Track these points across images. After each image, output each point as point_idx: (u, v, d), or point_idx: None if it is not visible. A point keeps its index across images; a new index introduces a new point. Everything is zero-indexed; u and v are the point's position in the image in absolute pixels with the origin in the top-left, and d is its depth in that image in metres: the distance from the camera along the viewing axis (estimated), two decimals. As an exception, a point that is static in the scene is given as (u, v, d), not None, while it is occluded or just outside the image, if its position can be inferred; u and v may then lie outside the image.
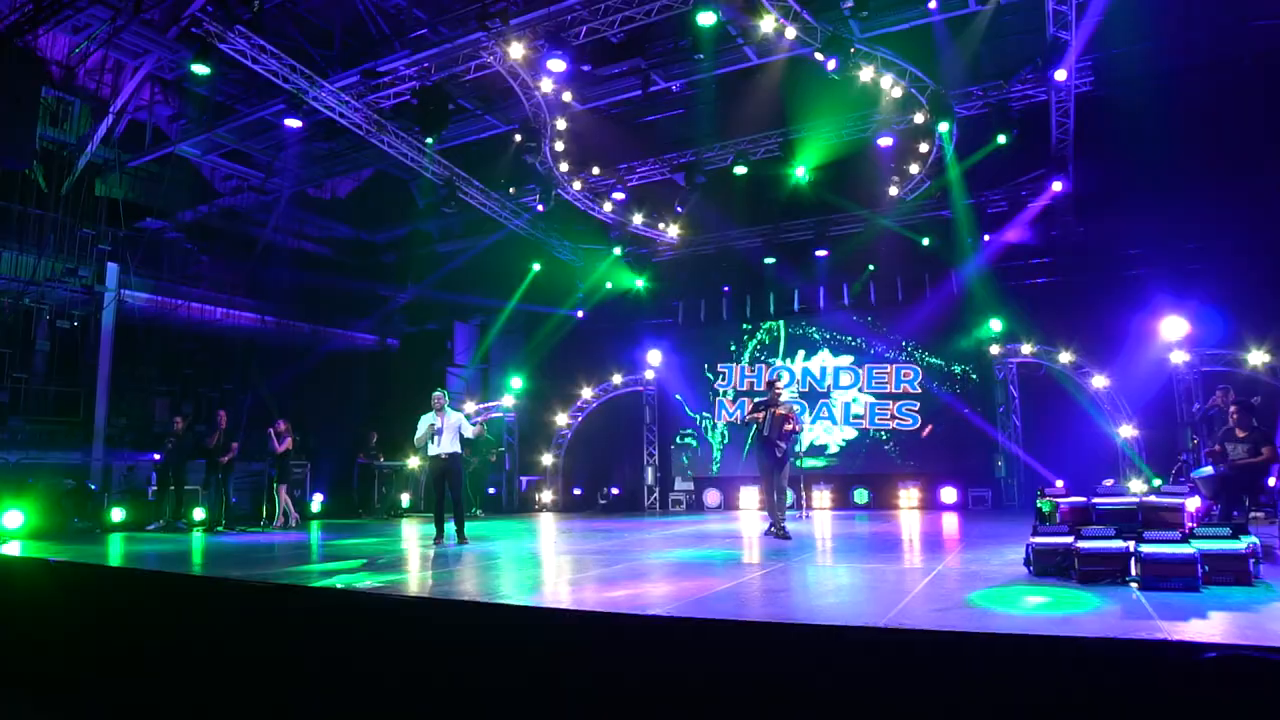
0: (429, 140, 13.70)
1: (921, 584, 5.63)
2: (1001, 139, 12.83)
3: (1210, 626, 4.09)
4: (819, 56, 11.53)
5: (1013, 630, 4.12)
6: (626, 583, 6.00)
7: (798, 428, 9.63)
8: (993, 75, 13.26)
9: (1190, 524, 5.95)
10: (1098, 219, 14.68)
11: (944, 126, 12.75)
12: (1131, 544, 5.44)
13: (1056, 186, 14.12)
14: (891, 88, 12.43)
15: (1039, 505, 6.64)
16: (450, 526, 9.51)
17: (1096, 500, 6.24)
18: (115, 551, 9.17)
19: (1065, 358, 14.75)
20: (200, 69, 11.13)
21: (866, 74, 12.12)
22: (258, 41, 11.78)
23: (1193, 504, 6.46)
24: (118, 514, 12.61)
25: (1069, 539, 5.76)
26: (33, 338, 15.40)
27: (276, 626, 5.66)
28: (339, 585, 6.14)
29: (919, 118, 13.13)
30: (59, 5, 9.80)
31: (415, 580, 6.59)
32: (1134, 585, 5.25)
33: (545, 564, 7.67)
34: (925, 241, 16.09)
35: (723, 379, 18.10)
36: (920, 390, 16.28)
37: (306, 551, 9.02)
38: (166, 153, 17.07)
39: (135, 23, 13.85)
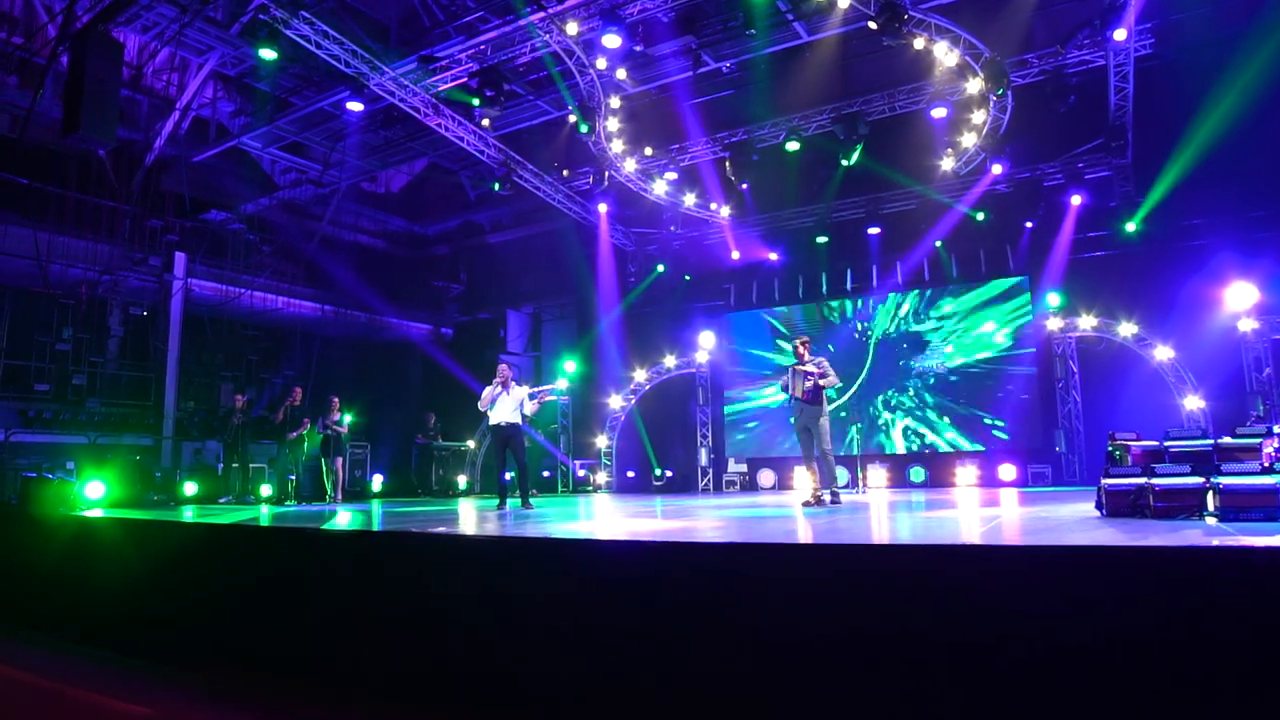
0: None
1: (988, 526, 5.62)
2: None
3: (1297, 540, 4.04)
4: (872, 26, 11.52)
5: (1093, 543, 4.13)
6: (683, 526, 6.11)
7: (821, 376, 8.68)
8: (1045, 44, 13.12)
9: (1269, 460, 5.86)
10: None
11: (1000, 94, 12.59)
12: (1208, 479, 5.38)
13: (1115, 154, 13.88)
14: (945, 56, 12.34)
15: (1109, 450, 6.56)
16: (514, 500, 9.75)
17: (1169, 442, 6.17)
18: (192, 516, 9.52)
19: (1126, 330, 14.48)
20: (268, 54, 11.52)
21: (920, 43, 12.06)
22: (321, 27, 12.14)
23: (1270, 446, 6.35)
24: (190, 488, 13.07)
25: (1142, 479, 5.71)
26: (107, 324, 16.04)
27: (362, 569, 5.82)
28: (414, 530, 6.34)
29: (973, 87, 13.01)
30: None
31: (486, 529, 6.77)
32: (1212, 519, 5.20)
33: (606, 519, 7.82)
34: (980, 216, 15.90)
35: (771, 359, 18.14)
36: (982, 371, 16.10)
37: (377, 516, 9.29)
38: (229, 146, 17.65)
39: (199, 20, 14.38)
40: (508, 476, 9.96)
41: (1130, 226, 14.51)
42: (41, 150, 15.01)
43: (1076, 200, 14.94)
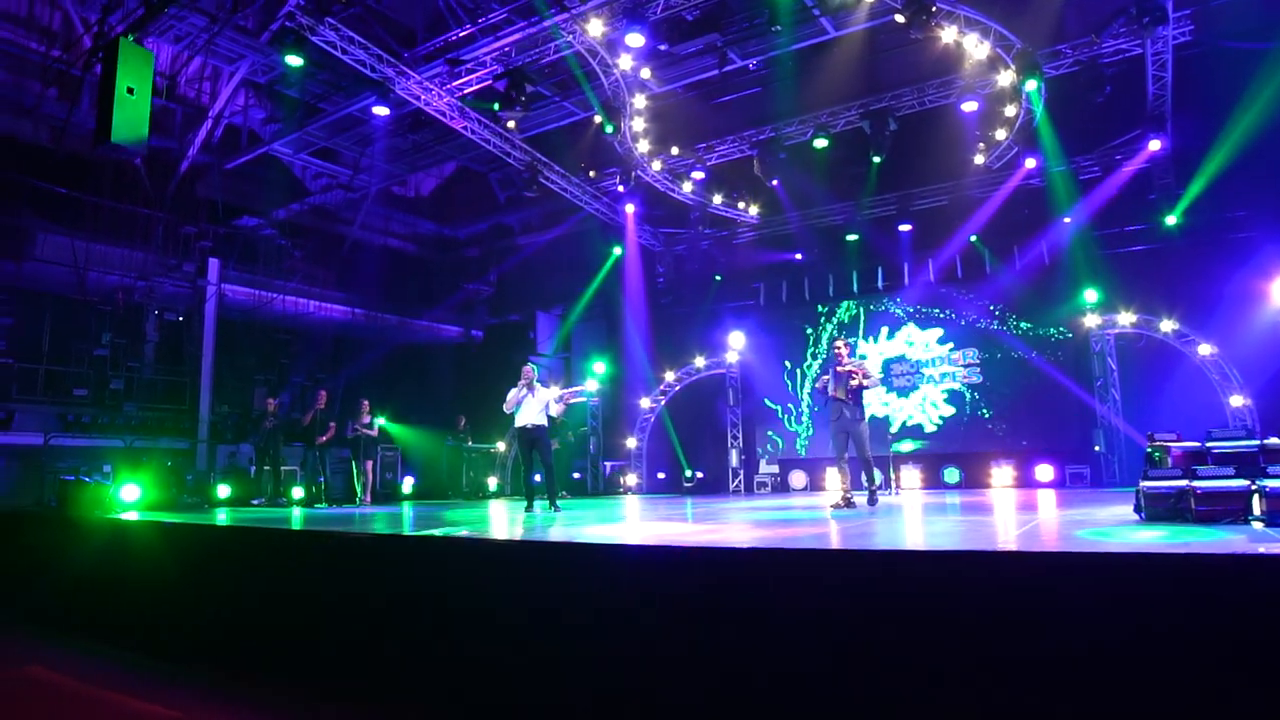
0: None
1: (1023, 529, 5.47)
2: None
3: (1349, 547, 3.86)
4: (900, 19, 11.32)
5: (1132, 550, 3.98)
6: (714, 531, 6.02)
7: (864, 376, 8.66)
8: (1078, 33, 12.83)
9: (1319, 463, 5.62)
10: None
11: (1031, 85, 12.31)
12: (1253, 482, 5.18)
13: (1154, 145, 13.50)
14: (975, 48, 12.10)
15: (1148, 451, 6.35)
16: (542, 502, 9.70)
17: (1212, 443, 5.96)
18: (224, 519, 9.60)
19: (1167, 326, 14.11)
20: (294, 60, 11.61)
21: (949, 35, 11.84)
22: (347, 33, 12.22)
23: (1320, 447, 6.10)
24: (224, 490, 13.24)
25: (1183, 481, 5.52)
26: (143, 330, 16.31)
27: (388, 573, 5.82)
28: (439, 534, 6.32)
29: (1004, 80, 12.75)
30: (163, 4, 10.35)
31: (514, 532, 6.73)
32: (1258, 524, 5.00)
33: (635, 522, 7.75)
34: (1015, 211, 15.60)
35: (801, 360, 17.96)
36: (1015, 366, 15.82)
37: (408, 518, 9.30)
38: (260, 153, 17.86)
39: (229, 29, 14.56)
40: (536, 479, 9.93)
41: (1170, 219, 14.14)
42: (78, 160, 15.31)
43: (1114, 193, 14.59)
